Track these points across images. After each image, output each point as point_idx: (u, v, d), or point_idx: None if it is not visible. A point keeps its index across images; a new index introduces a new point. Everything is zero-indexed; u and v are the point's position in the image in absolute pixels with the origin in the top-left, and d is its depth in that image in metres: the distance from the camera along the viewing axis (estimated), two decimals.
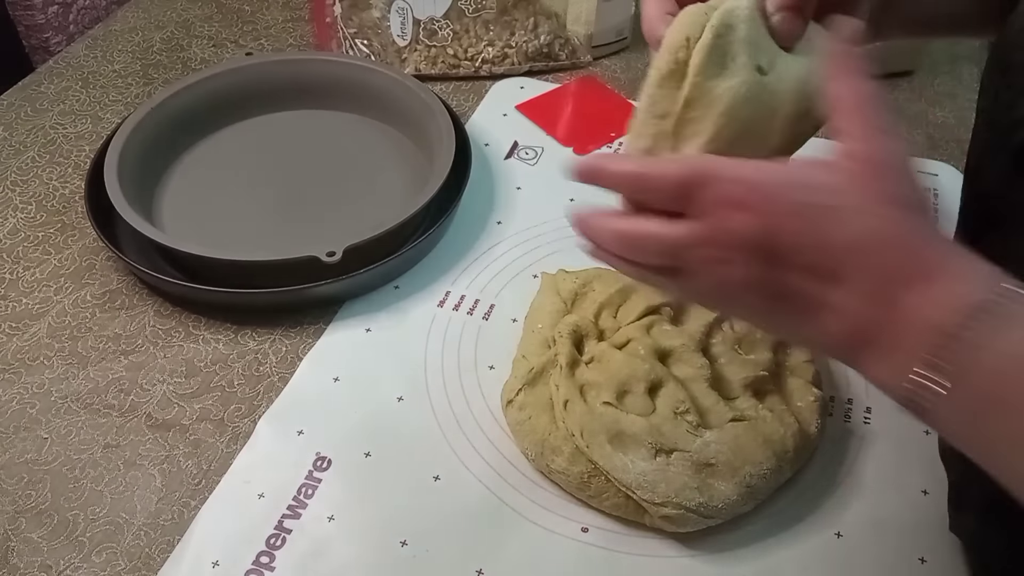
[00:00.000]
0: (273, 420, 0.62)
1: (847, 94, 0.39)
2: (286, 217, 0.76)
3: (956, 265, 0.35)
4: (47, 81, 0.92)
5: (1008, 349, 0.33)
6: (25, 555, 0.55)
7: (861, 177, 0.36)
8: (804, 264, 0.37)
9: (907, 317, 0.35)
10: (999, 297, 0.33)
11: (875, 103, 0.38)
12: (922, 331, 0.34)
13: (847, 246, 0.36)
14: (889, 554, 0.55)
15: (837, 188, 0.36)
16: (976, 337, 0.33)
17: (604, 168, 0.41)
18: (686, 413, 0.56)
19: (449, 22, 0.92)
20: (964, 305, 0.34)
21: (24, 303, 0.70)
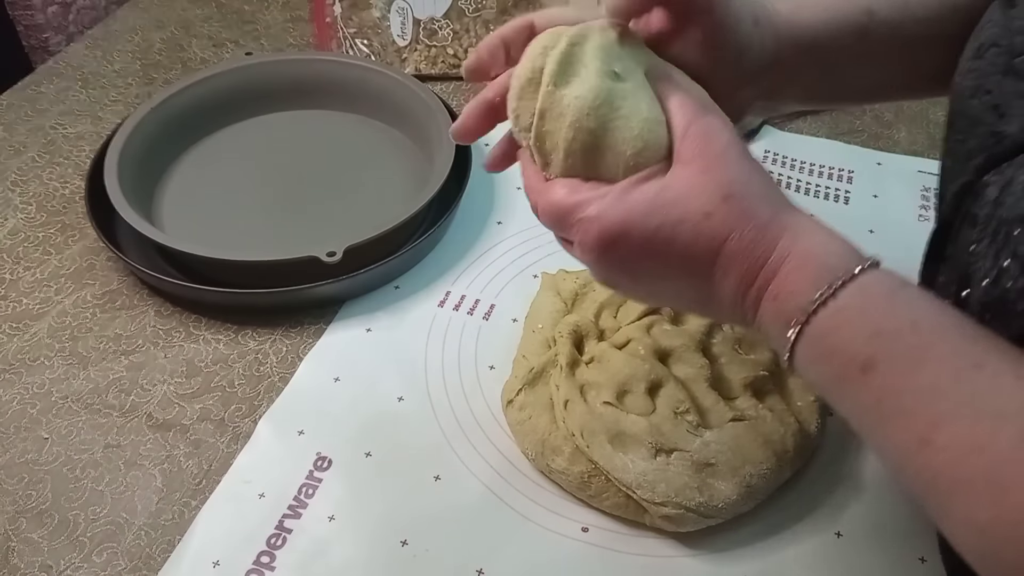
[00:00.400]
0: (273, 420, 0.62)
1: (685, 98, 0.42)
2: (286, 217, 0.76)
3: (793, 254, 0.38)
4: (47, 81, 0.92)
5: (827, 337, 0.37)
6: (25, 555, 0.55)
7: (691, 180, 0.40)
8: (670, 282, 0.42)
9: (763, 309, 0.39)
10: (830, 288, 0.37)
11: (697, 104, 0.41)
12: (773, 319, 0.39)
13: (698, 265, 0.40)
14: (889, 554, 0.55)
15: (677, 198, 0.40)
16: (813, 328, 0.37)
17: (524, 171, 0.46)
18: (686, 413, 0.56)
19: (449, 22, 0.92)
20: (804, 302, 0.37)
21: (24, 303, 0.70)
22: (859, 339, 0.36)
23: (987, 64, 0.42)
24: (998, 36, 0.42)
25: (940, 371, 0.34)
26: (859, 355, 0.36)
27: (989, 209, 0.39)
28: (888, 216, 0.77)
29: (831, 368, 0.37)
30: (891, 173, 0.82)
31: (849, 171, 0.82)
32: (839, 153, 0.84)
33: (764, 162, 0.82)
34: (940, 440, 0.33)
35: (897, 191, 0.80)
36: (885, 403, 0.35)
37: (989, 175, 0.40)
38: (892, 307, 0.36)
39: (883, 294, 0.37)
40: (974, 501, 0.32)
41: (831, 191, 0.80)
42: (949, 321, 0.36)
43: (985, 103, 0.42)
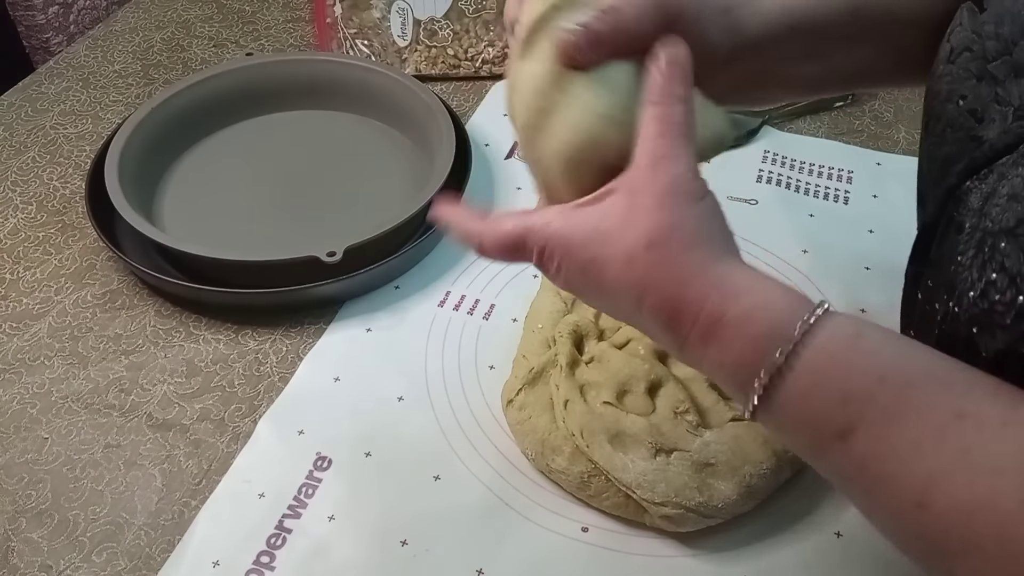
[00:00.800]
0: (273, 420, 0.62)
1: (654, 120, 0.39)
2: (286, 217, 0.77)
3: (729, 318, 0.36)
4: (47, 81, 0.92)
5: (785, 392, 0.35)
6: (25, 555, 0.55)
7: (622, 217, 0.38)
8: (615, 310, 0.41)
9: (708, 370, 0.38)
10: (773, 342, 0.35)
11: (676, 131, 0.39)
12: (724, 382, 0.38)
13: (628, 307, 0.39)
14: (889, 554, 0.55)
15: (606, 237, 0.38)
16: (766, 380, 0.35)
17: (449, 222, 0.45)
18: (686, 413, 0.56)
19: (449, 22, 0.92)
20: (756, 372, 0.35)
21: (25, 303, 0.70)
22: (828, 407, 0.34)
23: (960, 69, 0.42)
24: (969, 41, 0.42)
25: (922, 427, 0.33)
26: (832, 424, 0.34)
27: (974, 219, 0.38)
28: (888, 216, 0.77)
29: (804, 436, 0.36)
30: (891, 173, 0.82)
31: (849, 171, 0.82)
32: (839, 153, 0.84)
33: (764, 162, 0.82)
34: (938, 503, 0.32)
35: (897, 191, 0.80)
36: (869, 469, 0.34)
37: (971, 180, 0.40)
38: (854, 363, 0.34)
39: (841, 349, 0.35)
40: (986, 561, 0.31)
41: (831, 191, 0.80)
42: (917, 366, 0.35)
43: (961, 108, 0.42)
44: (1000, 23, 0.41)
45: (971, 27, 0.42)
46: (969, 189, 0.40)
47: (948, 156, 0.42)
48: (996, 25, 0.41)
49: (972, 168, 0.40)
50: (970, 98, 0.41)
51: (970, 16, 0.43)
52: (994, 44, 0.41)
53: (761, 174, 0.82)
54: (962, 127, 0.42)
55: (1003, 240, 0.35)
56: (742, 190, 0.79)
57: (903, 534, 0.34)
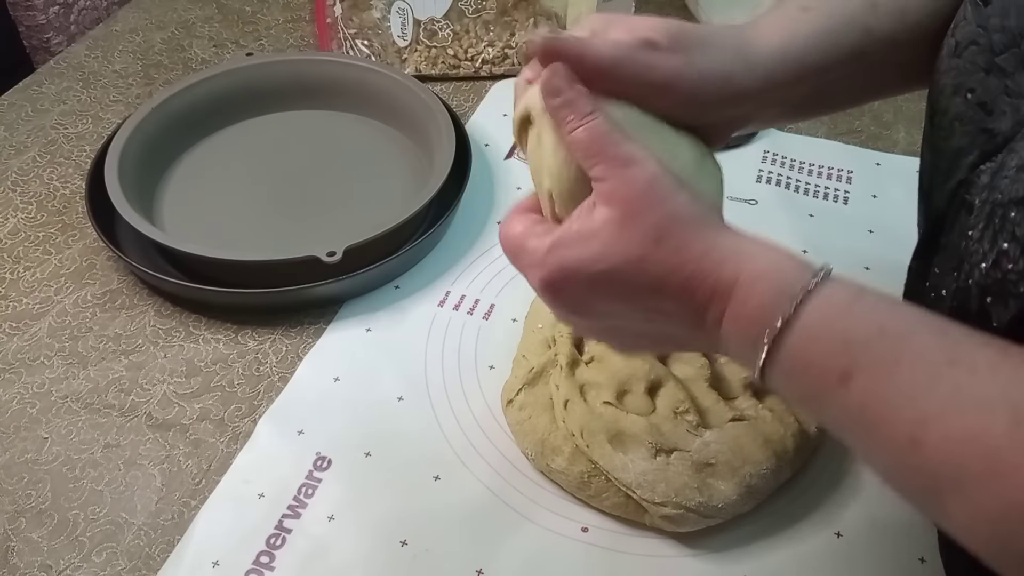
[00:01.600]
0: (273, 420, 0.62)
1: (580, 138, 0.40)
2: (286, 217, 0.77)
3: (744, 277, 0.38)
4: (48, 81, 0.92)
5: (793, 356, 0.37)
6: (25, 555, 0.55)
7: (620, 225, 0.39)
8: (626, 317, 0.41)
9: (725, 334, 0.39)
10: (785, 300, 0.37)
11: (608, 137, 0.40)
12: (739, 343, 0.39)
13: (646, 302, 0.40)
14: (889, 554, 0.55)
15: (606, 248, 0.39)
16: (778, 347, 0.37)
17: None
18: (686, 413, 0.56)
19: (449, 22, 0.92)
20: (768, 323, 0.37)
21: (24, 303, 0.70)
22: (831, 352, 0.36)
23: (966, 63, 0.42)
24: (975, 34, 0.42)
25: (916, 372, 0.34)
26: (834, 367, 0.36)
27: (985, 194, 0.39)
28: (887, 216, 0.77)
29: (808, 383, 0.37)
30: (890, 173, 0.82)
31: (848, 171, 0.82)
32: (838, 153, 0.84)
33: (764, 162, 0.82)
34: (931, 437, 0.33)
35: (896, 191, 0.80)
36: (868, 410, 0.35)
37: (982, 166, 0.40)
38: (856, 315, 0.36)
39: (844, 303, 0.36)
40: (977, 493, 0.32)
41: (830, 191, 0.80)
42: (913, 320, 0.36)
43: (970, 101, 0.42)
44: (1006, 15, 0.41)
45: (976, 21, 0.42)
46: (979, 173, 0.40)
47: (958, 149, 0.42)
48: (1002, 18, 0.41)
49: (984, 159, 0.40)
50: (979, 91, 0.41)
51: (974, 10, 0.43)
52: (1001, 37, 0.41)
53: (761, 174, 0.82)
54: (971, 120, 0.42)
55: (1013, 210, 0.36)
56: (742, 190, 0.79)
57: (899, 472, 0.36)
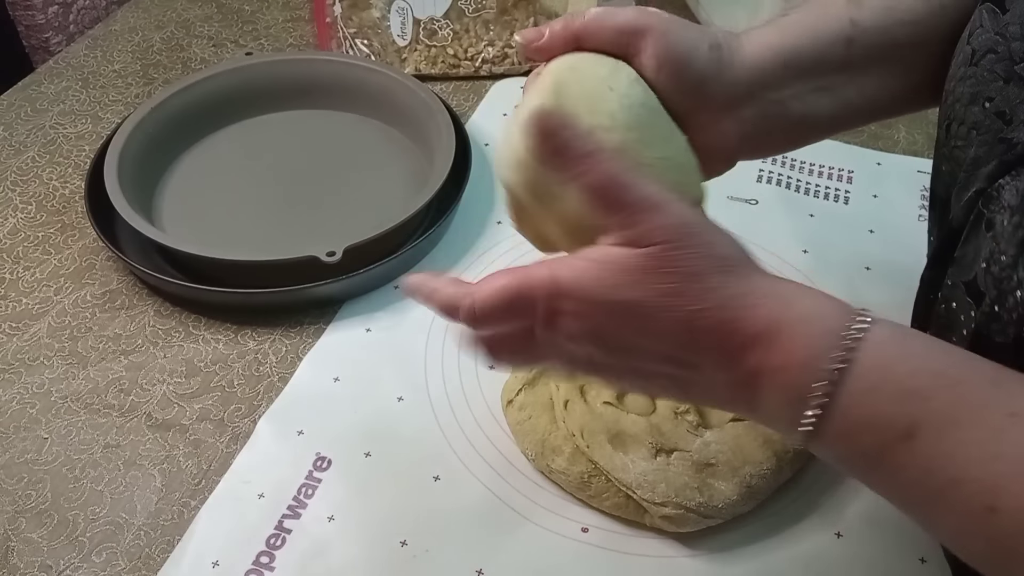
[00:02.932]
0: (273, 420, 0.62)
1: (596, 183, 0.37)
2: (286, 217, 0.76)
3: (785, 322, 0.35)
4: (47, 81, 0.92)
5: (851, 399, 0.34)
6: (25, 555, 0.55)
7: (653, 272, 0.36)
8: (649, 355, 0.38)
9: (765, 385, 0.36)
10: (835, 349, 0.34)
11: (625, 181, 0.37)
12: (782, 396, 0.36)
13: (673, 340, 0.37)
14: (889, 554, 0.55)
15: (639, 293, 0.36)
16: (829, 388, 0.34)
17: (425, 292, 0.41)
18: (686, 413, 0.56)
19: (449, 22, 0.92)
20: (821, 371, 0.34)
21: (24, 303, 0.70)
22: (893, 403, 0.33)
23: (984, 71, 0.42)
24: (993, 43, 0.42)
25: (981, 427, 0.32)
26: (898, 422, 0.33)
27: (1016, 217, 0.37)
28: (888, 216, 0.77)
29: (867, 441, 0.34)
30: (891, 173, 0.82)
31: (849, 171, 0.82)
32: (839, 153, 0.84)
33: (764, 162, 0.82)
34: (1008, 505, 0.31)
35: (897, 191, 0.80)
36: (935, 473, 0.33)
37: (1004, 179, 0.39)
38: (913, 360, 0.34)
39: (898, 347, 0.34)
40: None
41: (831, 191, 0.80)
42: (965, 365, 0.34)
43: (988, 110, 0.42)
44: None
45: (994, 28, 0.42)
46: (1001, 187, 0.39)
47: (975, 159, 0.42)
48: (1021, 26, 0.40)
49: (1003, 169, 0.39)
50: (997, 100, 0.41)
51: (991, 17, 0.42)
52: (1020, 45, 0.40)
53: (761, 174, 0.82)
54: (989, 129, 0.41)
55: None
56: (742, 190, 0.79)
57: (973, 540, 0.33)
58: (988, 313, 0.38)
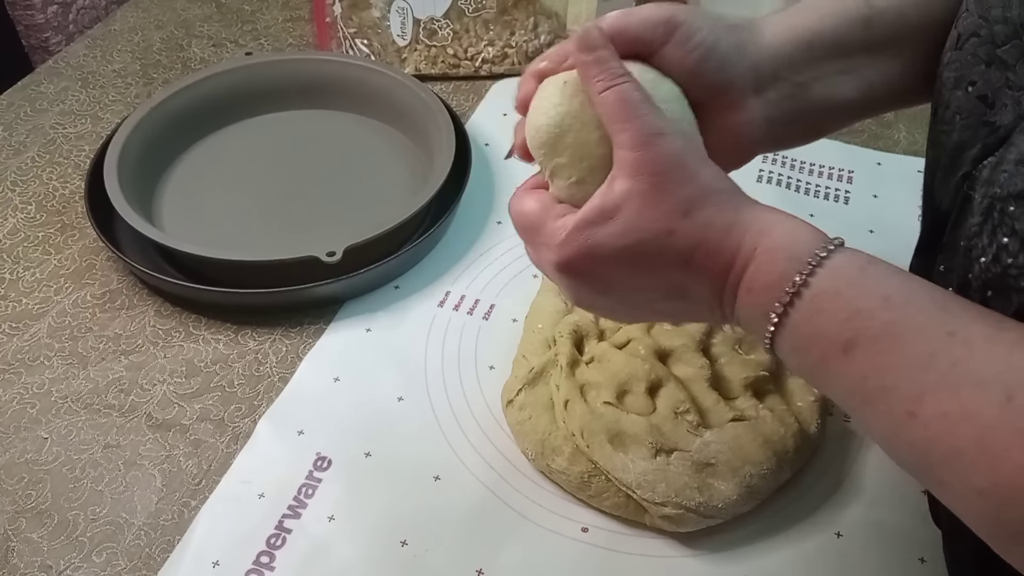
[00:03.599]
0: (273, 420, 0.62)
1: (609, 100, 0.41)
2: (286, 217, 0.76)
3: (761, 249, 0.39)
4: (47, 81, 0.92)
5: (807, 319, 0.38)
6: (25, 555, 0.55)
7: (646, 199, 0.40)
8: (645, 290, 0.42)
9: (740, 304, 0.40)
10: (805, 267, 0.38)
11: (637, 105, 0.41)
12: (751, 313, 0.40)
13: (666, 271, 0.41)
14: (889, 554, 0.55)
15: (631, 222, 0.40)
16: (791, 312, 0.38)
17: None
18: (686, 413, 0.56)
19: (449, 22, 0.92)
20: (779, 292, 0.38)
21: (24, 303, 0.70)
22: (837, 322, 0.37)
23: (967, 55, 0.42)
24: (976, 26, 0.42)
25: (917, 344, 0.35)
26: (839, 337, 0.36)
27: (984, 189, 0.39)
28: (888, 216, 0.77)
29: (813, 353, 0.38)
30: (891, 173, 0.82)
31: (849, 171, 0.82)
32: (839, 153, 0.84)
33: (764, 162, 0.82)
34: (925, 412, 0.34)
35: (897, 191, 0.80)
36: (869, 381, 0.36)
37: (986, 161, 0.40)
38: (863, 285, 0.37)
39: (853, 273, 0.37)
40: (969, 469, 0.33)
41: (831, 191, 0.80)
42: (917, 290, 0.37)
43: (970, 94, 0.42)
44: (1008, 6, 0.40)
45: (978, 12, 0.42)
46: (981, 168, 0.40)
47: (960, 143, 0.42)
48: (1004, 9, 0.41)
49: (986, 153, 0.40)
50: (979, 84, 0.41)
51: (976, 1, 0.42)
52: (1003, 28, 0.40)
53: (761, 174, 0.82)
54: (972, 113, 0.41)
55: (1012, 204, 0.36)
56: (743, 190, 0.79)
57: (897, 443, 0.36)
58: (961, 282, 0.40)
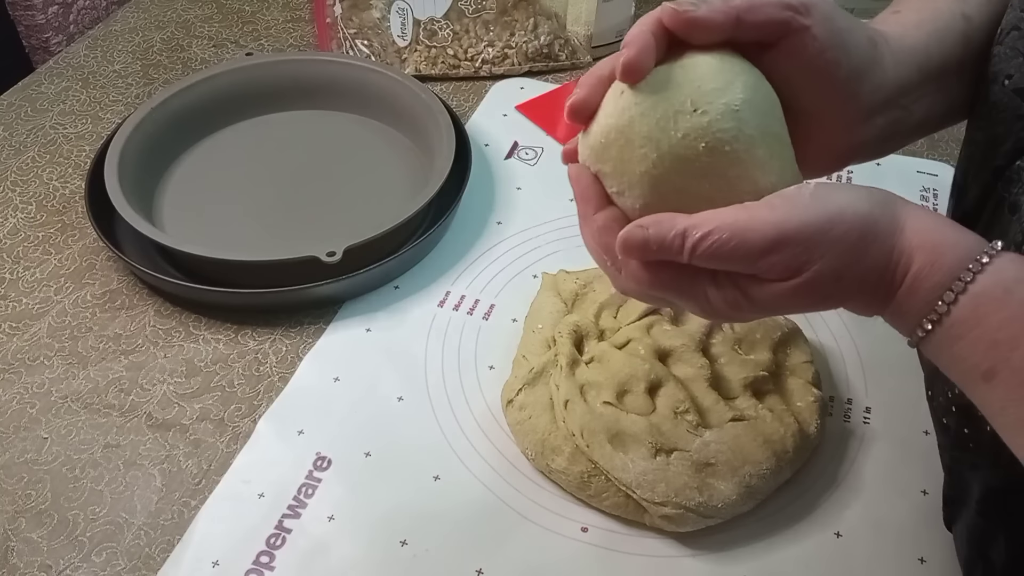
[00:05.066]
0: (273, 420, 0.62)
1: (709, 258, 0.37)
2: (286, 217, 0.76)
3: (926, 250, 0.37)
4: (47, 81, 0.92)
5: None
6: (25, 555, 0.55)
7: (806, 296, 0.38)
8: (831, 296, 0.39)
9: (901, 305, 0.38)
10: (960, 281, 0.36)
11: (731, 243, 0.37)
12: (898, 327, 0.39)
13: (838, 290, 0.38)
14: (889, 554, 0.55)
15: (822, 234, 0.37)
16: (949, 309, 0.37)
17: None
18: (686, 413, 0.56)
19: (449, 22, 0.92)
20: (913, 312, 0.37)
21: (24, 303, 0.70)
22: (978, 351, 0.36)
23: (1007, 49, 0.41)
24: (1018, 19, 0.41)
25: None
26: (980, 365, 0.36)
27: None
28: None
29: (956, 373, 0.38)
30: (891, 173, 0.82)
31: (848, 171, 0.82)
32: None
33: None
34: None
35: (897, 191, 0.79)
36: (1009, 411, 0.36)
37: (1023, 159, 0.39)
38: (1004, 311, 0.36)
39: (997, 298, 0.36)
40: None
41: None
42: None
43: (1006, 88, 0.41)
44: None
45: (1019, 6, 0.41)
46: (1021, 168, 0.39)
47: (993, 137, 0.41)
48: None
49: (1021, 149, 0.39)
50: (1016, 77, 0.40)
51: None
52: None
53: None
54: (1007, 107, 0.40)
55: None
56: None
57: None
58: None
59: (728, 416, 0.57)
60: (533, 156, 0.84)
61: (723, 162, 0.38)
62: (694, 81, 0.38)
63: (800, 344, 0.63)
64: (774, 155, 0.39)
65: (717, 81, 0.38)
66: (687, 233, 0.37)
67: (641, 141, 0.38)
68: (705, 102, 0.38)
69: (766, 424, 0.56)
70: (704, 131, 0.38)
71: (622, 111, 0.39)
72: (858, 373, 0.65)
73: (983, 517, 0.48)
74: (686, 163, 0.38)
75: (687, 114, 0.38)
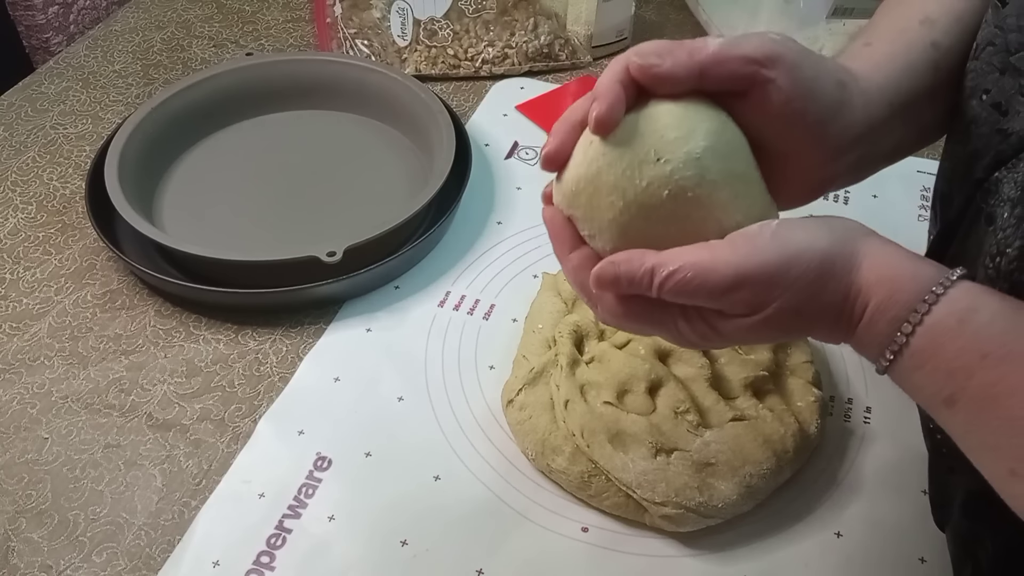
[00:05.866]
0: (273, 420, 0.62)
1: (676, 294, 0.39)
2: (286, 217, 0.77)
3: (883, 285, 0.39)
4: (47, 81, 0.92)
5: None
6: (25, 555, 0.55)
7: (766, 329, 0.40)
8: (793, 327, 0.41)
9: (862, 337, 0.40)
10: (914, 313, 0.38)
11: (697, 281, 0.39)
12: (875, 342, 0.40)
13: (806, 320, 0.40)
14: (889, 554, 0.55)
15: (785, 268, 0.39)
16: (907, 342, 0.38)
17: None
18: (686, 413, 0.56)
19: (449, 22, 0.92)
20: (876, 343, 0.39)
21: (24, 303, 0.70)
22: (936, 380, 0.37)
23: (983, 64, 0.42)
24: (992, 35, 0.42)
25: (1014, 406, 0.35)
26: (939, 394, 0.37)
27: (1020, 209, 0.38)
28: (888, 216, 0.77)
29: (920, 399, 0.39)
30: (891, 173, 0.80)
31: None
32: None
33: None
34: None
35: (897, 191, 0.80)
36: (971, 436, 0.37)
37: (1000, 171, 0.40)
38: (960, 341, 0.36)
39: (952, 328, 0.37)
40: None
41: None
42: (1013, 343, 0.36)
43: (984, 102, 0.42)
44: (1022, 15, 0.40)
45: (994, 22, 0.42)
46: (999, 180, 0.40)
47: (973, 152, 0.42)
48: (1018, 17, 0.40)
49: (999, 162, 0.40)
50: (993, 92, 0.41)
51: (994, 12, 0.42)
52: (1016, 36, 0.40)
53: None
54: (986, 122, 0.41)
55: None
56: None
57: (1003, 494, 0.37)
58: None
59: (728, 416, 0.57)
60: (533, 156, 0.84)
61: (687, 207, 0.40)
62: (658, 131, 0.40)
63: (800, 344, 0.63)
64: (739, 195, 0.41)
65: (680, 130, 0.40)
66: (655, 270, 0.39)
67: (608, 190, 0.40)
68: (668, 151, 0.39)
69: (766, 424, 0.56)
70: (667, 179, 0.39)
71: (591, 161, 0.41)
72: (858, 373, 0.65)
73: (968, 519, 0.49)
74: (651, 210, 0.40)
75: (651, 163, 0.39)
